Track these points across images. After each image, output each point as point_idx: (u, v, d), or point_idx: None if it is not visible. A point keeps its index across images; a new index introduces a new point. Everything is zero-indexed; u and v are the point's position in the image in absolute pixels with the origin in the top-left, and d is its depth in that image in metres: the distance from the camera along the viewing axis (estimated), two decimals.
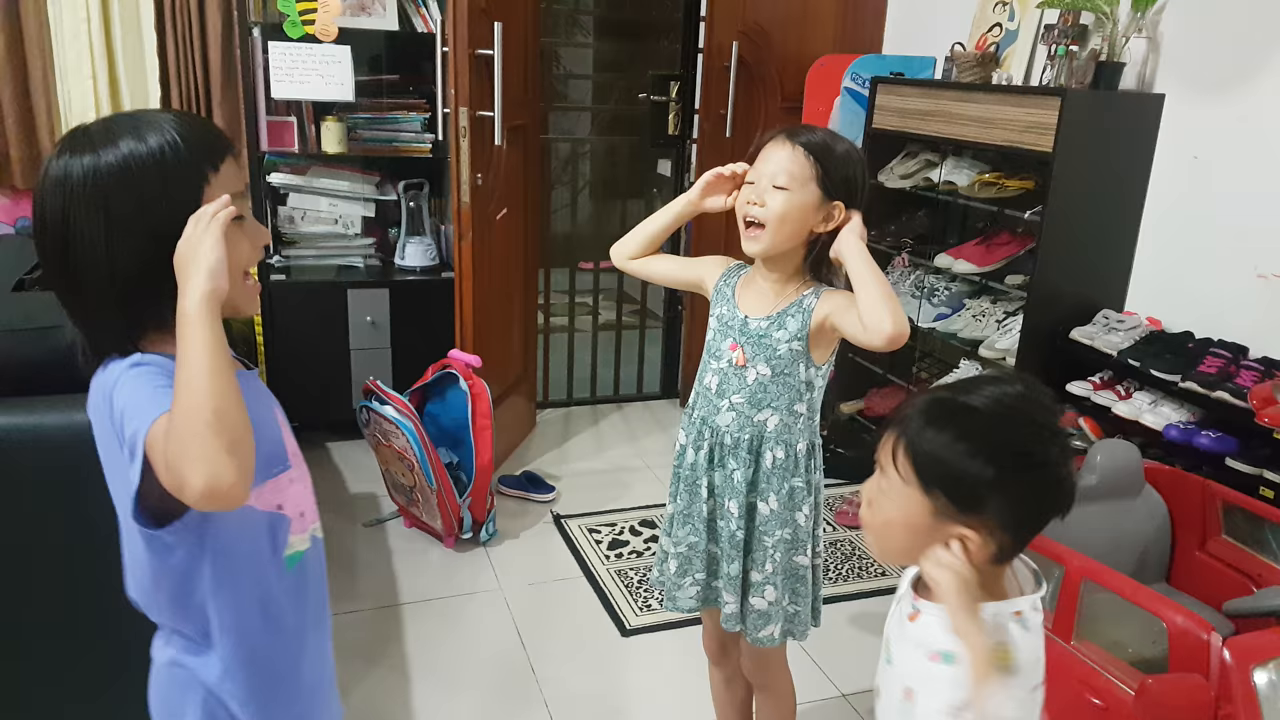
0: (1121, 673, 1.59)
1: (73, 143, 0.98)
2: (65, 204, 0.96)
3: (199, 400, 0.88)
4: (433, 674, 2.29)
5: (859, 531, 3.05)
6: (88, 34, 3.11)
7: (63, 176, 0.96)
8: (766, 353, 1.57)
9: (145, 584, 1.06)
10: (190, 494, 0.87)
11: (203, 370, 0.89)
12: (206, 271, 0.92)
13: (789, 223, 1.52)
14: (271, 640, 1.11)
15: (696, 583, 1.67)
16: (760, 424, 1.59)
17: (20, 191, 3.29)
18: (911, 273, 3.33)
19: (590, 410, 4.00)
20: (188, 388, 0.88)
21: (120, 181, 0.95)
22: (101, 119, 1.01)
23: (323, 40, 3.08)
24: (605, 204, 5.72)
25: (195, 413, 0.87)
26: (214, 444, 0.86)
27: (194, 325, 0.90)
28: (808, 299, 1.57)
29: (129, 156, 0.96)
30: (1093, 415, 2.52)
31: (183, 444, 0.87)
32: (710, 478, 1.63)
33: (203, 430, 0.86)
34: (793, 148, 1.52)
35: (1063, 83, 2.69)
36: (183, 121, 1.00)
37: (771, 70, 3.71)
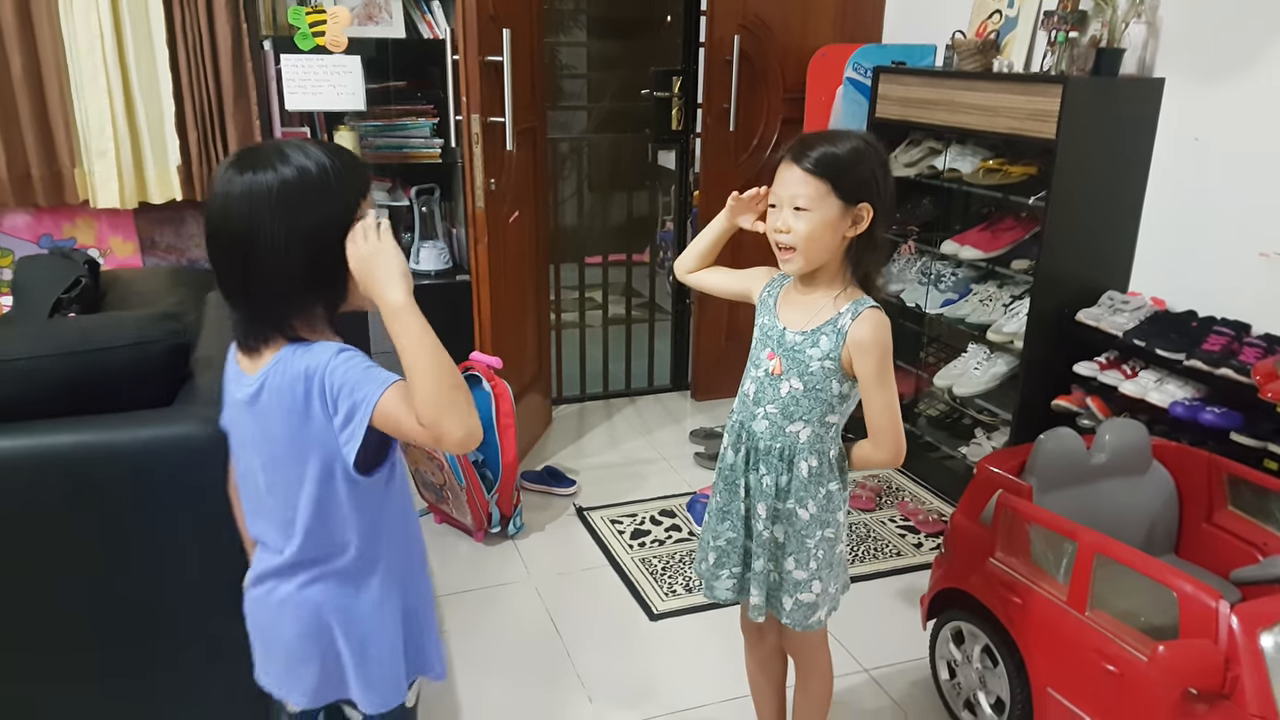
0: (1134, 640, 1.65)
1: (252, 161, 1.15)
2: (252, 211, 1.13)
3: (442, 371, 1.10)
4: (472, 660, 2.38)
5: (873, 514, 3.12)
6: (101, 51, 3.17)
7: (250, 189, 1.13)
8: (799, 367, 1.61)
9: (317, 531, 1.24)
10: (450, 442, 1.10)
11: (434, 348, 1.11)
12: (401, 273, 1.13)
13: (817, 240, 1.56)
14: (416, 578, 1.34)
15: (733, 575, 1.75)
16: (792, 435, 1.64)
17: (42, 209, 3.36)
18: (918, 259, 3.39)
19: (604, 405, 4.07)
20: (429, 362, 1.10)
21: (299, 193, 1.14)
22: (265, 144, 1.19)
23: (333, 51, 3.14)
24: (609, 198, 5.76)
25: (443, 381, 1.10)
26: (464, 403, 1.10)
27: (410, 314, 1.12)
28: (843, 319, 1.59)
29: (304, 172, 1.14)
30: (1100, 395, 2.59)
31: (439, 407, 1.09)
32: (747, 479, 1.69)
33: (452, 393, 1.10)
34: (801, 171, 1.55)
35: (1063, 69, 2.74)
36: (331, 148, 1.19)
37: (773, 62, 3.76)
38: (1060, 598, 1.80)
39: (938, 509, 3.14)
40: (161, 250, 3.60)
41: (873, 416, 1.62)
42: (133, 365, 1.66)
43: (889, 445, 1.62)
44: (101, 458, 1.54)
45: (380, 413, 1.12)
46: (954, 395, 3.15)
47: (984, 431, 3.16)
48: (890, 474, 3.41)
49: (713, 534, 1.76)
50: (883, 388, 1.59)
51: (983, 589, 1.98)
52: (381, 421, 1.13)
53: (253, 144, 1.20)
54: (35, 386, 1.59)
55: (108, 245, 3.50)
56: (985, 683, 2.03)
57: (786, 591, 1.72)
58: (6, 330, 2.10)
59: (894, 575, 2.77)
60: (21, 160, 3.25)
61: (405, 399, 1.11)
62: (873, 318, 1.58)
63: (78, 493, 1.54)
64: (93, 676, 1.65)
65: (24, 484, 1.52)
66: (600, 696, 2.25)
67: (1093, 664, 1.71)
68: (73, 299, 2.41)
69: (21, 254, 3.32)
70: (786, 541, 1.69)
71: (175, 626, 1.65)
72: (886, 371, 1.59)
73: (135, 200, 3.37)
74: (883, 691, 2.28)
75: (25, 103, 3.19)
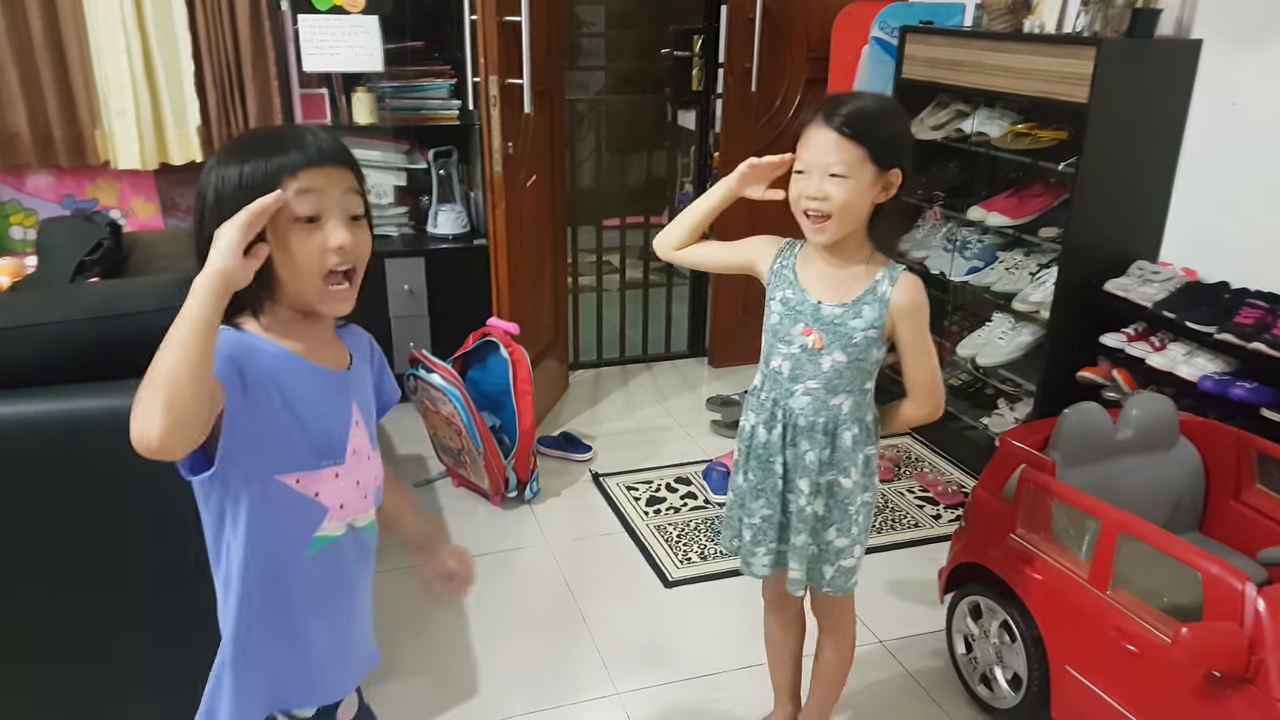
0: (1156, 620, 1.64)
1: (222, 152, 1.12)
2: (200, 205, 1.10)
3: (158, 359, 0.95)
4: (489, 621, 2.40)
5: (890, 484, 3.10)
6: (120, 11, 3.14)
7: (203, 181, 1.10)
8: (843, 340, 1.57)
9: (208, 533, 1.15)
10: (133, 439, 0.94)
11: (175, 335, 0.95)
12: (218, 251, 1.00)
13: (852, 209, 1.50)
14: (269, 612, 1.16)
15: (770, 551, 1.73)
16: (835, 408, 1.62)
17: (64, 170, 3.36)
18: (943, 225, 3.33)
19: (620, 370, 4.06)
20: (161, 347, 0.95)
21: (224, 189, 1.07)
22: (253, 131, 1.15)
23: (350, 11, 3.09)
24: (627, 160, 5.70)
25: (151, 370, 0.94)
26: (152, 400, 0.93)
27: (191, 294, 0.98)
28: (882, 286, 1.56)
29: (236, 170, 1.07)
30: (1127, 367, 2.55)
31: (136, 395, 0.94)
32: (784, 455, 1.66)
33: (147, 386, 0.94)
34: (837, 135, 1.47)
35: (1097, 30, 2.66)
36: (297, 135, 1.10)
37: (797, 21, 3.68)
38: (1081, 575, 1.78)
39: (958, 480, 3.12)
40: (182, 211, 3.59)
41: (916, 377, 1.62)
42: (156, 330, 1.66)
43: (932, 401, 1.64)
44: (122, 422, 1.54)
45: None
46: (977, 365, 3.11)
47: (1007, 402, 3.13)
48: (910, 444, 3.39)
49: (745, 512, 1.74)
50: (926, 349, 1.60)
51: (1002, 564, 1.97)
52: None
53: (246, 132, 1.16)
54: (62, 351, 1.58)
55: (129, 206, 3.50)
56: (1002, 658, 2.02)
57: (827, 561, 1.71)
58: (34, 294, 2.10)
59: (911, 547, 2.76)
60: (43, 121, 3.24)
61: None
62: (912, 281, 1.57)
63: (102, 457, 1.54)
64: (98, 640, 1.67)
65: (52, 449, 1.53)
66: (615, 662, 2.26)
67: (1113, 643, 1.70)
68: (95, 261, 2.41)
69: (45, 215, 3.32)
70: (828, 513, 1.68)
71: (195, 593, 1.66)
72: (927, 332, 1.59)
73: (156, 161, 3.36)
74: (897, 663, 2.28)
75: (46, 63, 3.17)
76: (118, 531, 1.60)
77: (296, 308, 1.13)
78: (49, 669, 1.66)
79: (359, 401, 1.21)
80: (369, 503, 1.25)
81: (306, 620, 1.20)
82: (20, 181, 3.35)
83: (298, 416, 1.12)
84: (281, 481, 1.12)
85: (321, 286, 1.10)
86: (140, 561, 1.63)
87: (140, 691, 1.71)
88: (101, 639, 1.67)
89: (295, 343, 1.14)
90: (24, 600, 1.60)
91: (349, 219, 1.11)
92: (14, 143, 3.22)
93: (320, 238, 1.08)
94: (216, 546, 1.15)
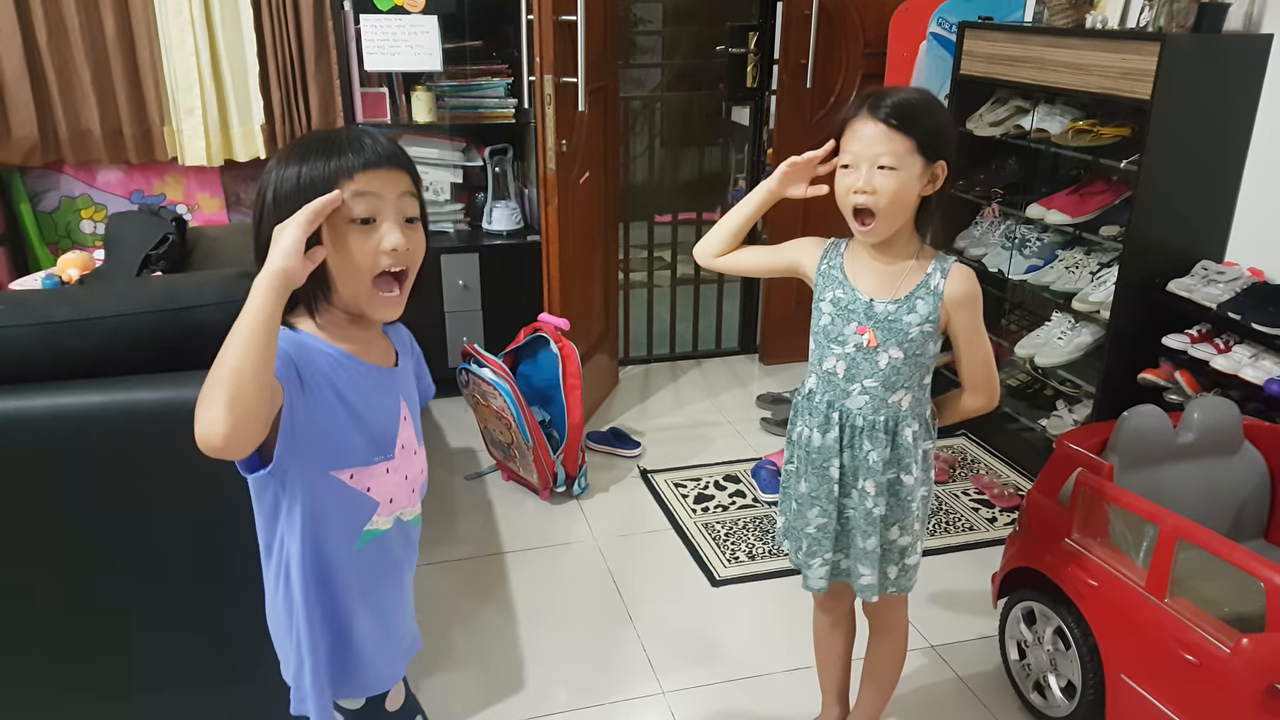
0: (1216, 630, 1.59)
1: (281, 153, 1.14)
2: (259, 206, 1.12)
3: (222, 357, 0.96)
4: (536, 616, 2.42)
5: (945, 486, 3.06)
6: (189, 11, 3.23)
7: (263, 183, 1.13)
8: (898, 336, 1.55)
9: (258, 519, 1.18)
10: (197, 438, 0.95)
11: (238, 333, 0.97)
12: (279, 250, 1.02)
13: (901, 203, 1.48)
14: (320, 605, 1.19)
15: (825, 562, 1.71)
16: (895, 405, 1.60)
17: (134, 166, 3.47)
18: (1002, 223, 3.28)
19: (670, 366, 4.06)
20: (224, 346, 0.96)
21: (283, 189, 1.10)
22: (311, 134, 1.16)
23: (410, 11, 3.14)
24: (680, 156, 5.69)
25: (215, 369, 0.96)
26: (217, 399, 0.93)
27: (252, 294, 0.99)
28: (934, 279, 1.54)
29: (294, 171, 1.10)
30: (1190, 369, 2.48)
31: (203, 392, 0.95)
32: (840, 459, 1.64)
33: (212, 385, 0.95)
34: (885, 126, 1.46)
35: (1162, 25, 2.60)
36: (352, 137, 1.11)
37: (853, 16, 3.65)
38: (1139, 582, 1.74)
39: (1014, 483, 3.07)
40: (246, 207, 3.69)
41: (973, 367, 1.61)
42: (216, 323, 1.70)
43: (989, 391, 1.64)
44: (180, 414, 1.57)
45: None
46: (1036, 365, 3.05)
47: (1065, 404, 3.06)
48: (965, 445, 3.34)
49: (802, 520, 1.72)
50: (981, 338, 1.59)
51: (1057, 569, 1.93)
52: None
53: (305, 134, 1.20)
54: (123, 343, 1.63)
55: (195, 201, 3.60)
56: (1056, 665, 1.99)
57: (891, 560, 1.70)
58: (98, 287, 2.18)
59: (966, 550, 2.72)
60: (114, 118, 3.35)
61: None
62: (964, 271, 1.56)
63: (156, 447, 1.59)
64: (158, 625, 1.71)
65: (107, 438, 1.57)
66: (660, 660, 2.27)
67: (1171, 652, 1.66)
68: (160, 255, 2.49)
69: (114, 209, 3.44)
70: (889, 512, 1.66)
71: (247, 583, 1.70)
72: (981, 322, 1.59)
73: (221, 158, 3.46)
74: (949, 668, 2.25)
75: (118, 63, 3.28)
76: (169, 523, 1.64)
77: (348, 310, 1.15)
78: (92, 659, 1.71)
79: (405, 398, 1.24)
80: (415, 496, 1.27)
81: (356, 612, 1.22)
82: (91, 177, 3.47)
83: (352, 414, 1.14)
84: (336, 477, 1.14)
85: (371, 290, 1.12)
86: (189, 553, 1.67)
87: (180, 678, 1.76)
88: (148, 629, 1.71)
89: (348, 343, 1.15)
90: (73, 587, 1.65)
91: (404, 221, 1.13)
92: (86, 139, 3.34)
93: (375, 239, 1.10)
94: (270, 540, 1.18)
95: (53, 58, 3.20)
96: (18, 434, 1.54)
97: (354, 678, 1.25)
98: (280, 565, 1.18)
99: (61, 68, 3.23)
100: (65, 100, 3.27)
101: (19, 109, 3.21)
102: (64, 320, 1.60)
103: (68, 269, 2.58)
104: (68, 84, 3.26)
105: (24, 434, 1.54)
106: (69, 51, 3.22)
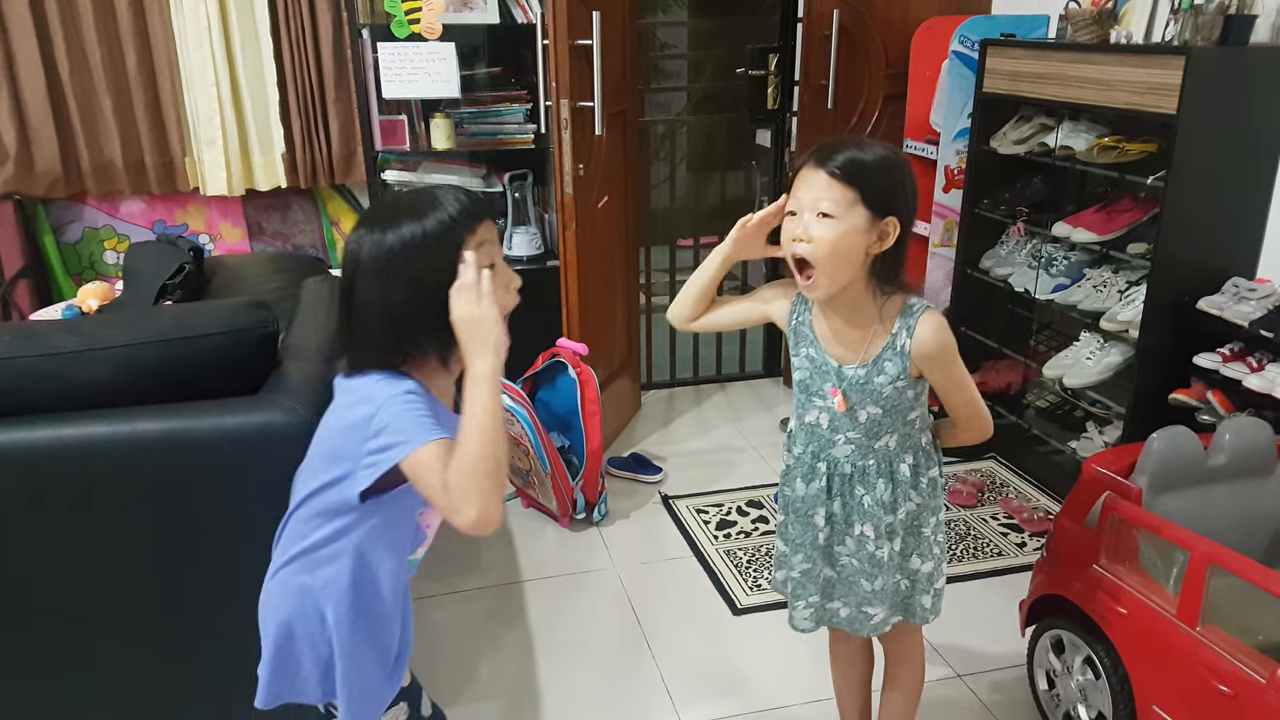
0: (1251, 660, 1.53)
1: (368, 220, 1.23)
2: (356, 268, 1.21)
3: (489, 450, 1.12)
4: (555, 645, 2.39)
5: (973, 510, 2.99)
6: (209, 43, 3.28)
7: (357, 247, 1.21)
8: (872, 396, 1.52)
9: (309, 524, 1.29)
10: (462, 519, 1.11)
11: (495, 425, 1.14)
12: (494, 347, 1.17)
13: (840, 255, 1.42)
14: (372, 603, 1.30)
15: (810, 605, 1.69)
16: (882, 448, 1.57)
17: (156, 196, 3.51)
18: (1028, 242, 3.22)
19: (693, 391, 4.03)
20: (481, 437, 1.13)
21: (396, 249, 1.19)
22: (390, 196, 1.25)
23: (428, 38, 3.16)
24: (702, 179, 5.68)
25: (485, 460, 1.12)
26: (493, 489, 1.11)
27: (485, 388, 1.15)
28: (900, 339, 1.49)
29: (407, 230, 1.19)
30: (1222, 389, 2.41)
31: (471, 479, 1.11)
32: (829, 508, 1.61)
33: (488, 476, 1.11)
34: (827, 175, 1.41)
35: (1187, 39, 2.55)
36: (450, 194, 1.23)
37: (874, 36, 3.62)
38: (1170, 610, 1.68)
39: (1044, 507, 2.99)
40: (269, 236, 3.72)
41: (955, 409, 1.58)
42: (223, 353, 1.69)
43: (976, 427, 1.60)
44: (185, 445, 1.57)
45: (413, 461, 1.15)
46: (1064, 386, 2.98)
47: (1096, 425, 2.99)
48: (994, 468, 3.27)
49: (788, 563, 1.70)
50: (959, 385, 1.55)
51: (1086, 597, 1.87)
52: (410, 469, 1.16)
53: (382, 197, 1.33)
54: (132, 373, 1.63)
55: (218, 231, 3.63)
56: (1086, 696, 1.92)
57: (921, 590, 1.66)
58: (108, 317, 2.19)
59: (993, 576, 2.65)
60: (136, 149, 3.40)
61: (442, 459, 1.14)
62: (931, 325, 1.49)
63: (162, 479, 1.58)
64: (160, 658, 1.70)
65: (113, 470, 1.57)
66: (680, 691, 2.22)
67: (1204, 683, 1.59)
68: (177, 284, 2.50)
69: (137, 240, 3.48)
70: (904, 544, 1.62)
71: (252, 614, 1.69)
72: (958, 367, 1.53)
73: (243, 187, 3.49)
74: (976, 698, 2.18)
75: (139, 94, 3.33)
76: (175, 553, 1.64)
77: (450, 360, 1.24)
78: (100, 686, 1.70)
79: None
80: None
81: (387, 633, 1.34)
82: (114, 208, 3.52)
83: None
84: (420, 515, 1.31)
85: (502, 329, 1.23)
86: (196, 582, 1.66)
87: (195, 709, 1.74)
88: (155, 659, 1.70)
89: (438, 392, 1.26)
90: (83, 619, 1.64)
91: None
92: (109, 170, 3.39)
93: (502, 282, 1.24)
94: (324, 550, 1.28)
95: (75, 90, 3.26)
96: (23, 466, 1.54)
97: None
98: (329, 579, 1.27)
99: (84, 100, 3.28)
100: (88, 132, 3.32)
101: (42, 141, 3.27)
102: (70, 351, 1.60)
103: (88, 299, 2.60)
104: (90, 116, 3.31)
105: (29, 466, 1.54)
106: (91, 84, 3.28)
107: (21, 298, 3.36)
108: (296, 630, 1.30)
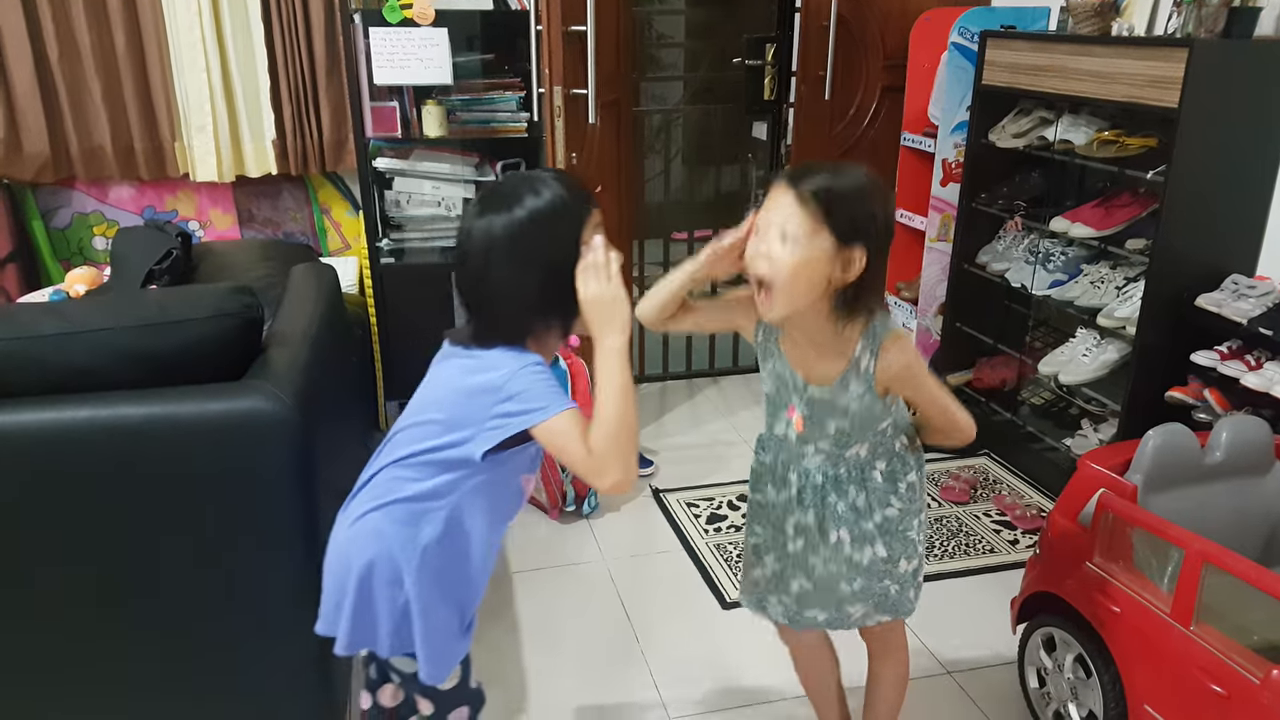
0: (1246, 660, 1.51)
1: (491, 203, 1.30)
2: (488, 250, 1.28)
3: (629, 419, 1.26)
4: (544, 637, 2.37)
5: (965, 507, 2.97)
6: (200, 28, 3.23)
7: (487, 229, 1.28)
8: (838, 413, 1.51)
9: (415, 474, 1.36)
10: (604, 480, 1.24)
11: (629, 393, 1.27)
12: (623, 325, 1.29)
13: (800, 279, 1.37)
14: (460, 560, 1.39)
15: (782, 603, 1.69)
16: (853, 457, 1.56)
17: (146, 182, 3.47)
18: (1025, 237, 3.20)
19: (686, 384, 4.00)
20: (623, 404, 1.26)
21: (529, 234, 1.27)
22: (503, 180, 1.35)
23: (421, 24, 3.12)
24: (698, 172, 5.65)
25: (627, 427, 1.26)
26: (631, 452, 1.25)
27: (621, 360, 1.28)
28: (864, 360, 1.47)
29: (534, 214, 1.28)
30: (1219, 387, 2.39)
31: (615, 443, 1.24)
32: (800, 518, 1.59)
33: (629, 441, 1.25)
34: (795, 195, 1.36)
35: (1190, 31, 2.52)
36: (560, 177, 1.33)
37: (873, 27, 3.59)
38: (1163, 609, 1.66)
39: (1038, 504, 2.97)
40: (259, 223, 3.68)
41: (932, 419, 1.58)
42: (207, 338, 1.66)
43: (953, 433, 1.58)
44: (167, 430, 1.54)
45: (549, 428, 1.25)
46: (1060, 383, 2.96)
47: (1091, 423, 2.97)
48: (988, 465, 3.24)
49: (760, 566, 1.70)
50: (932, 399, 1.54)
51: (1078, 595, 1.84)
52: (545, 435, 1.26)
53: (498, 181, 1.40)
54: (113, 357, 1.60)
55: (208, 218, 3.60)
56: (1077, 694, 1.90)
57: (907, 586, 1.65)
58: (92, 301, 2.15)
59: (985, 574, 2.62)
60: (125, 134, 3.35)
61: (578, 426, 1.25)
62: (896, 347, 1.47)
63: (144, 464, 1.55)
64: (143, 652, 1.67)
65: (93, 455, 1.54)
66: (668, 685, 2.20)
67: (1197, 683, 1.57)
68: (164, 270, 2.47)
69: (126, 225, 3.44)
70: (891, 550, 1.61)
71: (231, 601, 1.66)
72: (927, 384, 1.53)
73: (233, 174, 3.45)
74: (966, 696, 2.16)
75: (128, 79, 3.28)
76: (155, 539, 1.61)
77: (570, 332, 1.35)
78: (86, 675, 1.67)
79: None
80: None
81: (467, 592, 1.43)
82: (104, 193, 3.47)
83: None
84: (524, 479, 1.43)
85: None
86: (174, 567, 1.63)
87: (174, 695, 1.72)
88: (127, 648, 1.67)
89: (545, 354, 1.35)
90: (64, 605, 1.61)
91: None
92: (97, 156, 3.34)
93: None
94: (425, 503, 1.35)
95: (64, 74, 3.21)
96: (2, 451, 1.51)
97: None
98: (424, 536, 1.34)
99: (73, 84, 3.23)
100: (77, 117, 3.27)
101: (30, 126, 3.22)
102: (51, 334, 1.57)
103: (75, 285, 2.58)
104: (79, 100, 3.26)
105: (6, 450, 1.51)
106: (80, 68, 3.23)
107: (10, 283, 3.32)
108: (377, 574, 1.34)
